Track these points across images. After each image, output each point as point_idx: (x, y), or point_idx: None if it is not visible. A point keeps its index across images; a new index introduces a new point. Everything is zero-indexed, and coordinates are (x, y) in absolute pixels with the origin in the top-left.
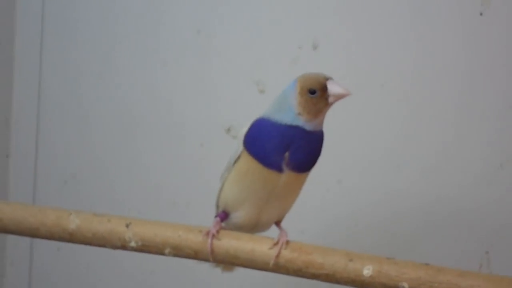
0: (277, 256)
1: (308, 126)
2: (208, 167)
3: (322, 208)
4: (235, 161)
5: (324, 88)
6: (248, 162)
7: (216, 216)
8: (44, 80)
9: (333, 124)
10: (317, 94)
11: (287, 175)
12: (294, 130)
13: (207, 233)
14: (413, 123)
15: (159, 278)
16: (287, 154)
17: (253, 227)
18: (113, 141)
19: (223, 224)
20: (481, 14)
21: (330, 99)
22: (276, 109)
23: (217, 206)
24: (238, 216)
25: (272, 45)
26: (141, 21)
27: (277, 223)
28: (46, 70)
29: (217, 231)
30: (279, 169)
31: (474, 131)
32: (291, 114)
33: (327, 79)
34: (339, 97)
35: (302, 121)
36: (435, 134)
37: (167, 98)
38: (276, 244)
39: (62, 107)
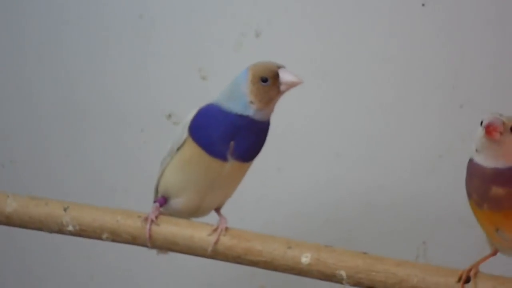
0: (216, 242)
1: (258, 115)
2: (148, 153)
3: (261, 196)
4: (178, 148)
5: (276, 76)
6: (192, 149)
7: (155, 202)
8: None
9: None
10: (269, 82)
11: (231, 164)
12: (242, 120)
13: (146, 219)
14: (353, 112)
15: (97, 263)
16: (232, 143)
17: (193, 213)
18: (52, 126)
19: (161, 209)
20: (423, 4)
21: (282, 87)
22: (227, 97)
23: (156, 191)
24: (178, 202)
25: (214, 32)
26: (82, 3)
27: (217, 210)
28: None
29: (156, 217)
30: (224, 158)
31: (414, 121)
32: (243, 102)
33: (279, 67)
34: (291, 85)
35: (252, 110)
36: (375, 123)
37: (107, 83)
38: (215, 230)
39: (0, 91)
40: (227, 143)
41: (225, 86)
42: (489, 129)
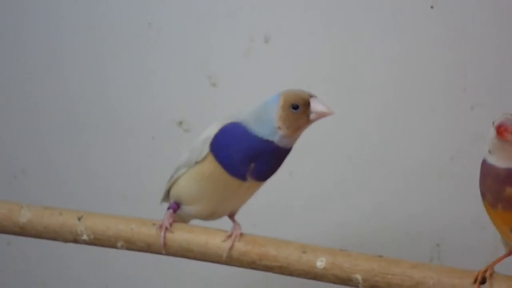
0: (231, 248)
1: (283, 142)
2: (159, 161)
3: (273, 200)
4: (197, 161)
5: (307, 105)
6: (212, 166)
7: (168, 208)
8: None
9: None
10: (299, 109)
11: (248, 183)
12: (267, 145)
13: (160, 226)
14: (363, 115)
15: (110, 272)
16: (253, 165)
17: (205, 218)
18: (63, 135)
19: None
20: (432, 7)
21: (312, 116)
22: (254, 118)
23: (168, 194)
24: (191, 209)
25: (224, 38)
26: (90, 12)
27: (231, 216)
28: None
29: (170, 224)
30: (243, 178)
31: (425, 124)
32: (270, 127)
33: (311, 96)
34: (321, 115)
35: (278, 136)
36: (386, 126)
37: (117, 91)
38: (229, 236)
39: (10, 101)
40: (248, 164)
41: (255, 107)
42: (500, 130)
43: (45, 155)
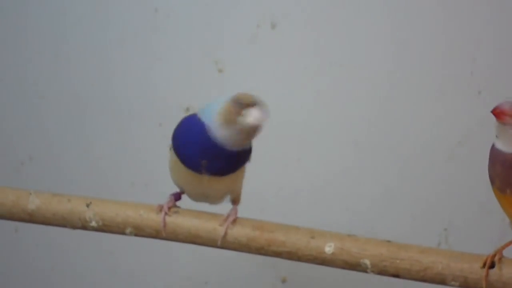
0: (224, 236)
1: (224, 139)
2: (166, 147)
3: (282, 186)
4: (170, 148)
5: (247, 106)
6: (173, 156)
7: (171, 194)
8: None
9: (291, 103)
10: (238, 106)
11: (208, 177)
12: (213, 145)
13: (160, 209)
14: (370, 101)
15: (119, 258)
16: (204, 162)
17: (205, 202)
18: (70, 121)
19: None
20: None
21: (245, 120)
22: (205, 107)
23: None
24: (186, 193)
25: (230, 24)
26: None
27: (232, 202)
28: None
29: (169, 208)
30: (199, 172)
31: (433, 108)
32: (211, 114)
33: (256, 103)
34: (252, 122)
35: (214, 127)
36: (393, 111)
37: (124, 78)
38: (225, 220)
39: (17, 87)
40: (198, 160)
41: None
42: (496, 112)
43: (52, 142)
